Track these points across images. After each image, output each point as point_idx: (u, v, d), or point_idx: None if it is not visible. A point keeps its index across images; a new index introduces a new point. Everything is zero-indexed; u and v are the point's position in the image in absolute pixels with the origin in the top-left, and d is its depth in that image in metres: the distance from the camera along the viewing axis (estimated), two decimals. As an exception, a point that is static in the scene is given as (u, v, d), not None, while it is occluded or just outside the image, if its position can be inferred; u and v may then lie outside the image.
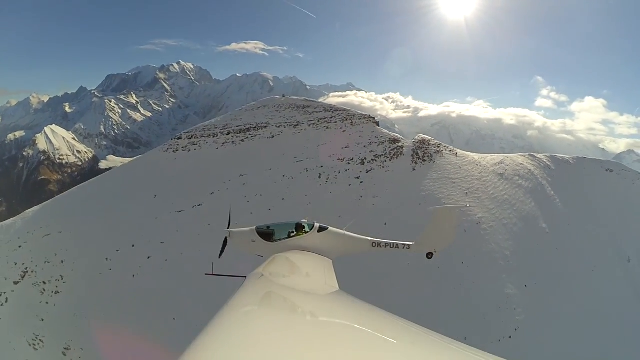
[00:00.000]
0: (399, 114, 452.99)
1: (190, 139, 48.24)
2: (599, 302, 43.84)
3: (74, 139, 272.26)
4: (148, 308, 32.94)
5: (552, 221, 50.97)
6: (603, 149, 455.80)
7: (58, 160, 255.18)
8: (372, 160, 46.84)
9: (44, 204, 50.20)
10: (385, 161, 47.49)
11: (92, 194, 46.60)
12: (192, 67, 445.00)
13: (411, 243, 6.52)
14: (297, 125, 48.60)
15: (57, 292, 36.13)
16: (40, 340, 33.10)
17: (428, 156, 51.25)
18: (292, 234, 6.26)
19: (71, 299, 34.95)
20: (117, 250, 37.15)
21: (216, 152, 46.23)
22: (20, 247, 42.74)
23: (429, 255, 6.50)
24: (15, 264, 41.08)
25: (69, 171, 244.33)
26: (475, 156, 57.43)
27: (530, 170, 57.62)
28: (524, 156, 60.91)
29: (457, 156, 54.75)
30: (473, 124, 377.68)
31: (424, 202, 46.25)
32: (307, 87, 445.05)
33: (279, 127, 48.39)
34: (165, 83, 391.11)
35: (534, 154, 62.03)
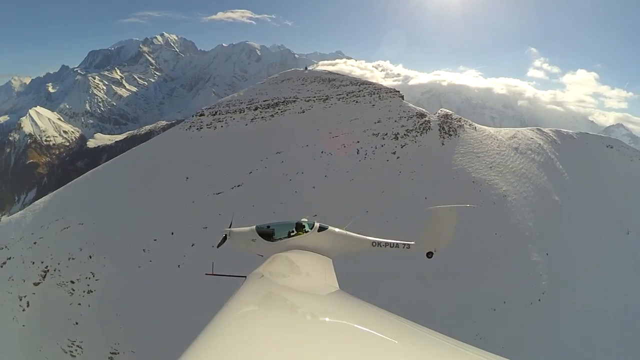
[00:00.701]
0: (389, 82, 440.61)
1: (214, 115, 43.60)
2: (603, 271, 46.04)
3: (59, 119, 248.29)
4: (202, 300, 29.84)
5: (562, 194, 52.46)
6: (592, 121, 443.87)
7: (45, 143, 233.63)
8: (404, 135, 45.11)
9: (54, 193, 44.53)
10: (417, 136, 45.95)
11: (110, 178, 41.59)
12: (176, 38, 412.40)
13: (412, 243, 6.28)
14: (327, 99, 45.46)
15: (89, 292, 32.10)
16: (77, 346, 29.49)
17: (453, 130, 50.31)
18: (292, 234, 6.12)
19: (109, 298, 31.12)
20: (155, 240, 33.13)
21: (246, 129, 42.28)
22: (35, 243, 37.67)
23: (429, 255, 6.31)
24: (33, 263, 36.12)
25: (57, 152, 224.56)
26: (491, 130, 57.37)
27: (540, 144, 58.56)
28: (532, 130, 61.76)
29: (476, 130, 54.30)
30: (464, 93, 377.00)
31: (457, 177, 45.68)
32: (296, 55, 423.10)
33: (308, 101, 45.00)
34: (150, 56, 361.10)
35: (541, 128, 63.19)
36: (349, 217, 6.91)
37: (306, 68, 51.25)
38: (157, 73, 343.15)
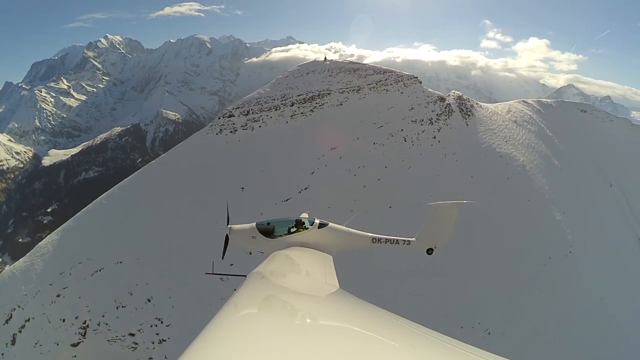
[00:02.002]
0: None
1: (246, 115, 37.96)
2: (600, 218, 50.33)
3: (10, 140, 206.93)
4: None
5: (559, 158, 55.64)
6: (543, 84, 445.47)
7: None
8: (437, 119, 43.76)
9: (62, 229, 36.79)
10: (446, 119, 45.03)
11: (136, 203, 34.79)
12: (120, 39, 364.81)
13: (411, 239, 6.10)
14: (359, 90, 42.24)
15: (161, 341, 26.22)
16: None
17: (469, 111, 50.14)
18: (292, 230, 5.91)
19: (191, 340, 25.38)
20: (231, 264, 27.82)
21: (287, 127, 37.58)
22: (59, 296, 30.36)
23: (429, 251, 6.16)
24: (63, 320, 29.13)
25: (12, 176, 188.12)
26: (491, 106, 58.51)
27: (530, 115, 61.26)
28: (519, 102, 64.34)
29: (482, 108, 54.86)
30: (418, 67, 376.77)
31: (488, 153, 45.87)
32: (247, 44, 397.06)
33: (342, 93, 41.35)
34: (96, 61, 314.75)
35: (526, 100, 66.27)
36: (424, 206, 5.89)
37: (325, 59, 46.91)
38: (105, 78, 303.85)
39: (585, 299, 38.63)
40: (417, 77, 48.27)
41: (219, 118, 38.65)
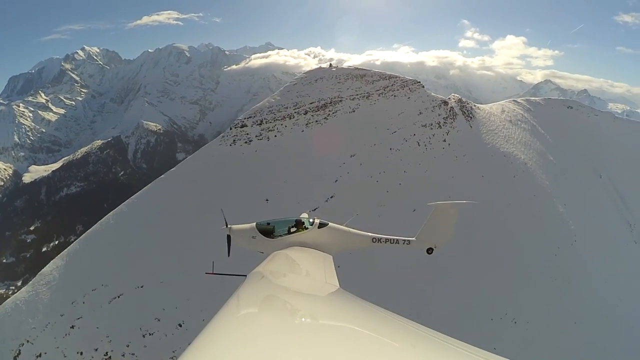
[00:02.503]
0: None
1: (259, 124, 36.63)
2: (595, 208, 52.23)
3: None
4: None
5: (553, 154, 57.37)
6: (521, 80, 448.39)
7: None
8: (444, 122, 43.94)
9: (67, 253, 34.03)
10: (452, 122, 45.32)
11: (147, 219, 32.72)
12: (98, 50, 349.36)
13: (412, 239, 6.06)
14: (369, 96, 41.91)
15: None
16: None
17: (470, 113, 50.81)
18: (292, 230, 5.89)
19: None
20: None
21: (303, 135, 36.56)
22: (73, 327, 27.86)
23: (429, 251, 6.11)
24: (81, 354, 26.76)
25: None
26: (486, 107, 59.68)
27: (522, 114, 62.91)
28: (510, 102, 65.99)
29: (480, 109, 55.72)
30: (397, 69, 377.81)
31: (494, 154, 46.55)
32: (226, 52, 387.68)
33: (353, 100, 40.83)
34: (73, 73, 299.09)
35: (516, 99, 68.10)
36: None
37: (331, 65, 46.26)
38: (83, 90, 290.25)
39: (590, 283, 39.90)
40: (419, 82, 48.45)
41: (231, 129, 37.07)
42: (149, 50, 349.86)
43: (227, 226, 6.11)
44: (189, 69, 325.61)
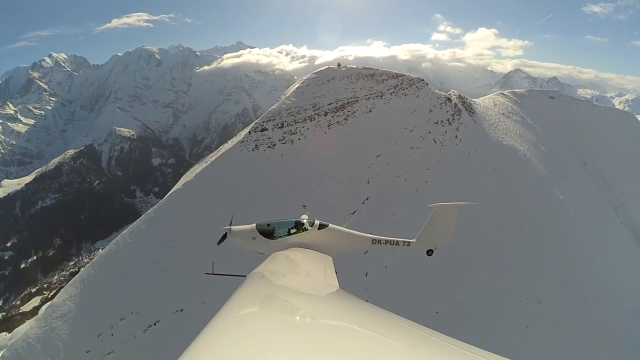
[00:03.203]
0: (295, 65, 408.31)
1: (281, 128, 35.25)
2: (585, 193, 55.22)
3: None
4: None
5: (544, 143, 59.73)
6: (491, 70, 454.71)
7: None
8: (452, 120, 44.57)
9: (79, 279, 31.56)
10: (459, 118, 46.04)
11: (172, 234, 30.57)
12: (65, 56, 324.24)
13: (412, 240, 6.01)
14: (382, 95, 41.63)
15: None
16: None
17: (470, 108, 51.79)
18: (292, 231, 5.85)
19: None
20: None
21: (327, 137, 35.61)
22: None
23: (429, 252, 6.07)
24: None
25: None
26: (479, 101, 61.06)
27: (510, 106, 65.11)
28: (498, 95, 67.92)
29: (476, 104, 57.01)
30: (369, 64, 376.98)
31: (499, 147, 47.77)
32: (197, 53, 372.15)
33: (368, 99, 40.36)
34: (41, 82, 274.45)
35: (503, 92, 70.18)
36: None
37: (339, 65, 45.44)
38: (52, 99, 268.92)
39: (592, 266, 42.11)
40: (423, 80, 48.73)
41: (250, 133, 35.39)
42: (118, 54, 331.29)
43: (229, 226, 6.02)
44: (160, 72, 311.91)
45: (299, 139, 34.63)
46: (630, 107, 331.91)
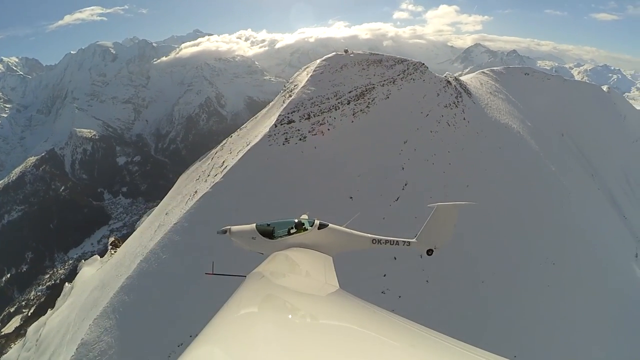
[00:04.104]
0: (256, 49, 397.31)
1: (308, 119, 34.55)
2: (567, 166, 59.54)
3: None
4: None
5: (528, 118, 63.21)
6: (451, 46, 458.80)
7: None
8: (457, 102, 46.13)
9: (111, 309, 28.74)
10: (462, 101, 47.65)
11: (216, 243, 29.01)
12: (17, 60, 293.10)
13: (412, 240, 6.00)
14: (394, 81, 41.80)
15: None
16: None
17: (466, 89, 53.65)
18: (292, 231, 5.84)
19: None
20: (395, 258, 25.39)
21: (354, 126, 35.29)
22: None
23: (429, 252, 6.03)
24: None
25: None
26: (466, 81, 62.64)
27: (494, 84, 67.65)
28: (480, 74, 69.90)
29: (468, 85, 58.92)
30: (331, 45, 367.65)
31: (497, 126, 50.25)
32: (154, 44, 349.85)
33: (383, 86, 40.43)
34: None
35: (484, 71, 72.43)
36: (481, 185, 6.32)
37: (347, 51, 44.86)
38: (7, 106, 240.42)
39: (586, 234, 45.76)
40: (424, 64, 49.50)
41: (276, 126, 34.32)
42: (72, 52, 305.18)
43: (228, 226, 6.02)
44: (117, 67, 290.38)
45: (329, 130, 34.14)
46: (589, 77, 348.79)
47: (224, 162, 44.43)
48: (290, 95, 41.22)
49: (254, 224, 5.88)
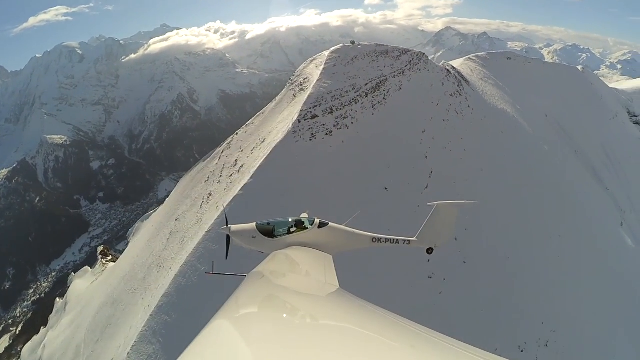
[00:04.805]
0: (226, 42, 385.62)
1: (331, 113, 34.71)
2: (557, 145, 62.93)
3: None
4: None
5: (517, 101, 65.90)
6: (422, 30, 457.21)
7: None
8: (460, 91, 47.78)
9: (156, 329, 27.49)
10: (463, 89, 49.28)
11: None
12: None
13: (412, 238, 6.09)
14: (403, 72, 42.55)
15: None
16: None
17: (463, 77, 55.38)
18: (292, 230, 5.86)
19: None
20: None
21: (375, 119, 35.72)
22: None
23: (429, 251, 6.12)
24: None
25: None
26: (456, 65, 64.04)
27: (482, 70, 69.61)
28: (468, 61, 71.37)
29: (463, 73, 60.72)
30: (302, 33, 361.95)
31: (496, 111, 52.18)
32: (121, 42, 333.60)
33: (394, 77, 41.08)
34: None
35: (470, 57, 74.37)
36: (506, 170, 6.09)
37: (353, 43, 45.07)
38: None
39: (579, 202, 49.04)
40: (424, 54, 50.60)
41: (299, 122, 34.22)
42: (37, 55, 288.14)
43: (227, 226, 6.02)
44: (84, 68, 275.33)
45: (352, 123, 34.45)
46: (559, 57, 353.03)
47: (236, 160, 43.74)
48: (302, 89, 41.15)
49: (254, 223, 5.90)
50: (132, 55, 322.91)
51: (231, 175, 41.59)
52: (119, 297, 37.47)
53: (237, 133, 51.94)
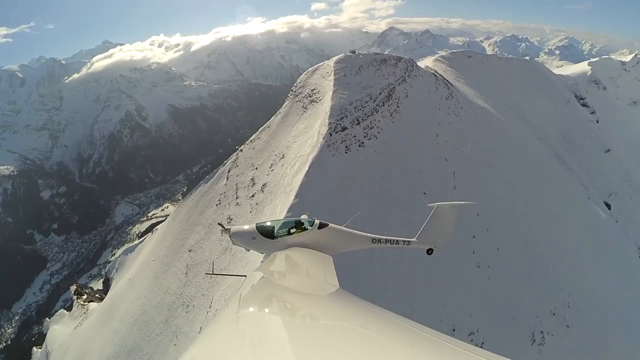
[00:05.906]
0: (171, 54, 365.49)
1: (358, 124, 35.63)
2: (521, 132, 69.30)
3: None
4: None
5: (490, 98, 70.91)
6: (366, 32, 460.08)
7: None
8: (450, 94, 51.17)
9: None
10: (452, 92, 52.78)
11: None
12: None
13: (412, 239, 5.90)
14: (405, 80, 44.89)
15: None
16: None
17: (447, 80, 59.18)
18: (292, 231, 5.75)
19: None
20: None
21: (396, 127, 37.18)
22: None
23: (429, 251, 5.95)
24: None
25: None
26: (430, 66, 67.61)
27: (452, 71, 73.54)
28: (436, 62, 74.30)
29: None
30: (248, 42, 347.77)
31: (481, 110, 56.19)
32: (62, 62, 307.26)
33: (399, 85, 43.21)
34: None
35: (437, 58, 78.24)
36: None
37: (353, 52, 46.42)
38: None
39: (557, 183, 54.94)
40: (412, 59, 53.37)
41: (330, 135, 34.78)
42: None
43: (225, 228, 6.10)
44: (26, 92, 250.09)
45: (379, 133, 35.82)
46: (499, 48, 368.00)
47: (253, 179, 42.55)
48: (314, 101, 41.45)
49: (254, 224, 5.90)
50: (75, 75, 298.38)
51: (252, 195, 39.82)
52: (136, 345, 34.62)
53: (241, 150, 49.96)
